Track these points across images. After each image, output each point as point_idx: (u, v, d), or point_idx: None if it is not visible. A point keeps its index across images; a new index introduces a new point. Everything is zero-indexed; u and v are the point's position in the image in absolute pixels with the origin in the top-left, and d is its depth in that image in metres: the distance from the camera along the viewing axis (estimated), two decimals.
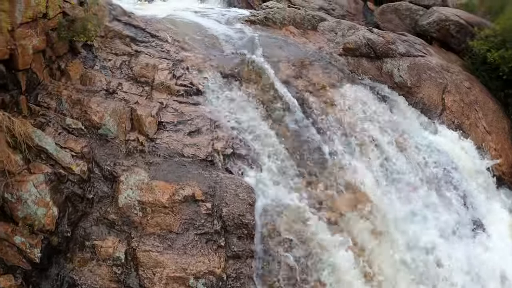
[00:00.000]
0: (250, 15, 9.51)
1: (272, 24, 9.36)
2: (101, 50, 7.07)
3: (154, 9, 10.18)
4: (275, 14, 9.37)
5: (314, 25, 9.51)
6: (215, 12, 10.29)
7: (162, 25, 8.26)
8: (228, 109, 6.89)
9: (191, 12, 9.72)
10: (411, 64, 9.06)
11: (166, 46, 7.60)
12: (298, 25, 9.48)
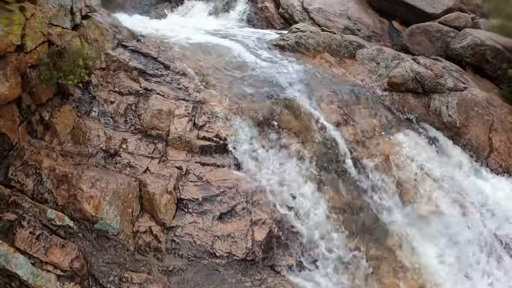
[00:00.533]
0: (278, 39, 7.46)
1: (305, 50, 7.33)
2: (100, 88, 4.97)
3: (168, 27, 8.11)
4: (308, 39, 7.33)
5: (352, 52, 7.50)
6: (237, 32, 8.20)
7: (178, 51, 6.18)
8: (266, 171, 4.87)
9: (211, 33, 7.60)
10: (459, 100, 7.24)
11: (183, 81, 5.52)
12: (334, 52, 7.46)
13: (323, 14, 10.60)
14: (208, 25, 9.40)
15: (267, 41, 7.55)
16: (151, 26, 8.30)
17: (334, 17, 10.72)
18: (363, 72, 7.30)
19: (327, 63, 7.27)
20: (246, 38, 7.76)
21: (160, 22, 9.43)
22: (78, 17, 4.98)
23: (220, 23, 10.14)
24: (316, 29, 7.56)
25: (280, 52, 7.31)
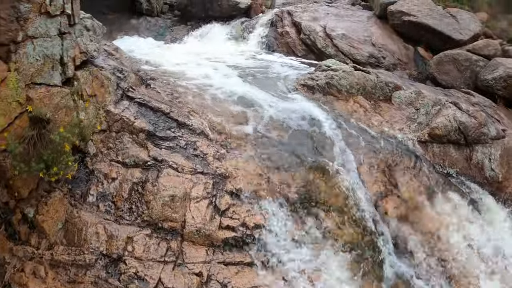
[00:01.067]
0: (307, 77, 6.18)
1: (336, 92, 6.03)
2: (100, 158, 3.76)
3: (183, 58, 6.85)
4: (341, 80, 6.02)
5: (387, 95, 6.18)
6: (258, 65, 6.90)
7: (194, 100, 4.88)
8: (305, 272, 3.58)
9: (231, 67, 6.38)
10: (502, 150, 6.03)
11: (201, 145, 4.25)
12: (368, 95, 6.16)
13: (347, 40, 9.28)
14: (227, 53, 8.11)
15: (294, 80, 6.23)
16: (165, 55, 7.03)
17: (358, 43, 9.41)
18: (401, 119, 5.99)
19: (361, 109, 5.97)
20: (269, 74, 6.45)
21: (175, 49, 8.15)
22: (70, 68, 3.71)
23: (240, 49, 8.86)
24: (349, 67, 6.22)
25: (311, 95, 6.00)
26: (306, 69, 7.33)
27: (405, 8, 9.65)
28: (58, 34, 3.58)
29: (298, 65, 7.83)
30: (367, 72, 6.37)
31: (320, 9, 10.34)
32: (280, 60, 8.08)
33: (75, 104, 3.68)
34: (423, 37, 9.41)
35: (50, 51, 3.51)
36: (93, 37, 4.11)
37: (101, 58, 4.59)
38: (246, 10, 10.32)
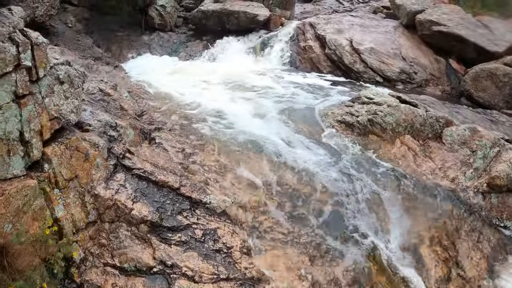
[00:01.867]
0: (345, 112, 4.76)
1: (380, 131, 4.62)
2: (89, 264, 2.51)
3: (196, 80, 5.79)
4: (386, 117, 4.59)
5: (437, 131, 4.76)
6: (285, 92, 5.49)
7: (211, 155, 3.52)
8: None
9: (254, 95, 5.20)
10: None
11: (224, 234, 2.93)
12: (416, 132, 4.73)
13: (376, 55, 7.78)
14: (246, 73, 6.69)
15: (328, 113, 4.80)
16: (178, 80, 5.65)
17: (388, 58, 7.90)
18: (455, 164, 4.55)
19: (410, 152, 4.54)
20: (298, 104, 5.06)
21: (190, 69, 6.73)
22: (36, 146, 2.40)
23: (260, 67, 7.43)
24: (394, 100, 4.77)
25: (348, 132, 4.58)
26: (336, 92, 5.92)
27: (435, 17, 8.08)
28: (13, 100, 2.23)
29: (327, 86, 6.41)
30: (414, 105, 4.91)
31: (344, 20, 8.80)
32: (306, 81, 6.65)
33: (46, 198, 2.35)
34: (455, 48, 7.88)
35: (2, 128, 2.16)
36: (69, 92, 2.75)
37: (89, 110, 3.24)
38: (265, 22, 8.84)
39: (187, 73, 6.47)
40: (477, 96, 7.10)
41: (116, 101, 3.80)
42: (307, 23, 8.57)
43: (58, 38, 6.44)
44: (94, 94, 3.70)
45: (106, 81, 4.01)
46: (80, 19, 7.84)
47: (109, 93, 3.82)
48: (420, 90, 7.56)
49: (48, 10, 6.32)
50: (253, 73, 6.89)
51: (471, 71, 7.33)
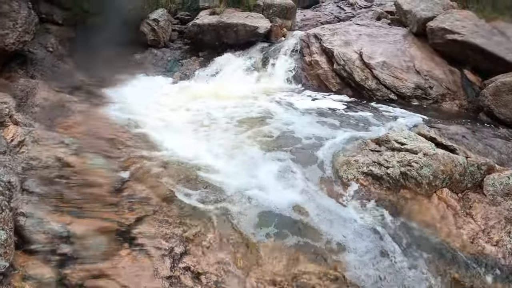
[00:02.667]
0: (371, 161, 3.59)
1: (414, 185, 3.46)
2: None
3: (188, 115, 4.38)
4: (423, 170, 3.41)
5: (477, 180, 3.57)
6: (291, 129, 4.30)
7: (205, 255, 2.33)
8: None
9: (253, 132, 3.91)
10: None
11: None
12: (454, 184, 3.58)
13: (389, 70, 6.55)
14: (246, 96, 5.49)
15: (351, 164, 3.63)
16: (169, 116, 4.45)
17: (401, 72, 6.69)
18: (498, 222, 3.41)
19: (450, 211, 3.41)
20: (309, 146, 3.88)
21: (183, 95, 5.51)
22: None
23: (262, 87, 6.21)
24: (430, 146, 3.58)
25: (374, 187, 3.42)
26: (353, 121, 4.75)
27: (447, 24, 6.84)
28: None
29: (340, 111, 5.24)
30: (452, 150, 3.71)
31: (351, 29, 7.54)
32: (315, 105, 5.47)
33: None
34: (470, 58, 6.66)
35: None
36: None
37: (37, 215, 2.03)
38: (266, 34, 7.57)
39: (181, 101, 5.25)
40: (498, 113, 5.90)
41: (80, 175, 2.60)
42: (311, 35, 7.31)
43: (35, 66, 5.26)
44: (49, 168, 2.50)
45: (67, 143, 2.80)
46: (63, 40, 6.59)
47: (70, 163, 2.62)
48: (437, 106, 6.45)
49: (21, 37, 5.08)
50: (254, 95, 5.70)
51: (491, 85, 6.12)
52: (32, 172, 2.43)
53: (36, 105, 4.24)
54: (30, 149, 2.56)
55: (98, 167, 2.76)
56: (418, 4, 7.89)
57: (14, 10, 4.82)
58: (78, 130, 3.75)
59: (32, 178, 2.34)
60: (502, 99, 5.96)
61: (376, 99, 6.29)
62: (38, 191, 2.27)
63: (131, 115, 4.46)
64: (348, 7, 12.09)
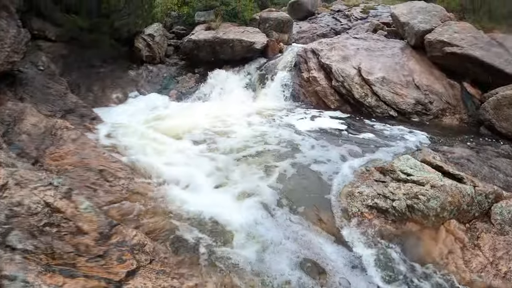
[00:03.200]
0: (376, 194, 3.44)
1: (421, 218, 3.32)
2: None
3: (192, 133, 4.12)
4: (430, 202, 3.28)
5: (485, 209, 3.47)
6: (288, 152, 4.14)
7: None
8: None
9: (247, 164, 3.71)
10: None
11: None
12: (462, 214, 3.47)
13: (388, 86, 6.45)
14: (243, 116, 5.32)
15: (355, 196, 3.48)
16: (163, 145, 4.28)
17: (401, 88, 6.58)
18: (506, 253, 3.30)
19: (457, 245, 3.28)
20: (309, 173, 3.73)
21: (177, 118, 5.34)
22: None
23: (259, 106, 6.06)
24: (437, 176, 3.45)
25: (379, 221, 3.29)
26: (354, 143, 4.60)
27: (446, 37, 6.76)
28: None
29: (340, 131, 5.08)
30: (459, 179, 3.57)
31: (348, 43, 7.42)
32: (315, 125, 5.32)
33: None
34: (469, 70, 6.59)
35: None
36: None
37: (21, 276, 1.86)
38: (262, 50, 7.43)
39: (177, 125, 5.08)
40: (499, 127, 5.81)
41: (70, 221, 2.41)
42: (309, 50, 7.17)
43: (25, 87, 5.01)
44: (38, 214, 2.32)
45: (56, 184, 2.62)
46: (56, 57, 6.39)
47: (60, 209, 2.43)
48: (437, 122, 6.36)
49: (9, 57, 4.83)
50: (252, 117, 5.53)
51: (492, 99, 6.02)
52: (17, 220, 2.24)
53: (24, 132, 4.00)
54: (13, 193, 2.36)
55: (87, 211, 2.58)
56: (415, 16, 7.80)
57: (2, 29, 4.44)
58: (69, 161, 3.57)
59: (17, 229, 2.15)
60: (503, 113, 5.87)
61: (376, 116, 6.17)
62: (25, 246, 2.08)
63: (123, 141, 4.28)
64: (344, 18, 12.00)
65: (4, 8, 4.15)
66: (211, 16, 7.94)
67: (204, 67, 7.21)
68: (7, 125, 3.99)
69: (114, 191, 3.27)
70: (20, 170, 2.58)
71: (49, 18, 6.51)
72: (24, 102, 4.68)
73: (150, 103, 6.04)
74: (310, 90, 6.71)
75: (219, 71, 6.99)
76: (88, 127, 4.76)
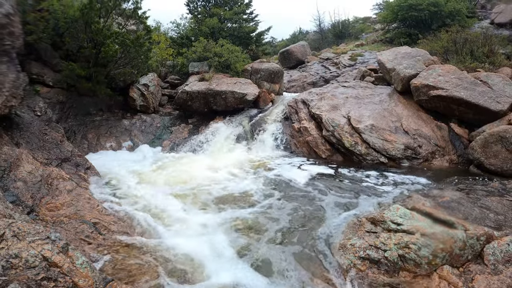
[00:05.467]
0: (368, 245, 3.54)
1: (413, 267, 3.40)
2: None
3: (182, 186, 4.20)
4: (421, 250, 3.40)
5: (477, 251, 3.57)
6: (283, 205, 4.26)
7: None
8: None
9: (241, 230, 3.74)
10: None
11: None
12: (455, 259, 3.55)
13: (378, 133, 6.71)
14: (236, 168, 5.45)
15: (347, 248, 3.57)
16: (154, 199, 4.35)
17: (390, 134, 6.84)
18: None
19: None
20: (306, 233, 3.79)
21: (170, 174, 5.44)
22: None
23: (253, 156, 6.21)
24: (428, 224, 3.59)
25: (373, 273, 3.36)
26: (346, 193, 4.73)
27: (431, 80, 7.14)
28: None
29: (333, 181, 5.21)
30: (450, 224, 3.71)
31: (338, 92, 7.79)
32: (307, 177, 5.44)
33: None
34: (455, 111, 6.88)
35: None
36: None
37: None
38: (254, 101, 7.75)
39: (168, 177, 5.20)
40: (488, 164, 5.97)
41: (66, 276, 2.47)
42: (299, 101, 7.50)
43: (22, 132, 5.11)
44: (35, 268, 2.38)
45: (54, 238, 2.70)
46: (53, 103, 6.59)
47: (57, 263, 2.50)
48: (427, 165, 6.55)
49: (7, 101, 4.83)
50: (244, 169, 5.67)
51: (479, 138, 6.22)
52: (15, 272, 2.31)
53: (20, 179, 4.05)
54: (10, 245, 2.44)
55: (83, 267, 2.66)
56: (400, 62, 8.21)
57: (1, 73, 4.43)
58: (65, 212, 3.65)
59: (15, 281, 2.23)
60: (491, 150, 6.04)
61: (366, 163, 6.35)
62: None
63: (116, 193, 4.37)
64: (333, 66, 12.57)
65: (5, 53, 4.29)
66: (205, 67, 8.31)
67: (197, 118, 7.46)
68: (3, 170, 4.06)
69: (107, 244, 3.34)
70: (18, 222, 2.67)
71: (48, 63, 6.79)
72: (20, 148, 4.76)
73: (143, 154, 6.18)
74: (301, 140, 6.94)
75: (212, 123, 7.22)
76: (83, 177, 4.86)
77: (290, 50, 14.46)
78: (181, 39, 10.91)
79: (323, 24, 22.06)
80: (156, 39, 9.41)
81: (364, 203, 4.42)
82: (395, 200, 4.79)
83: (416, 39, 12.17)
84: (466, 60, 8.44)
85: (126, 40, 6.53)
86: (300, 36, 23.28)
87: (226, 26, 10.91)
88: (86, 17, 6.12)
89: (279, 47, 19.63)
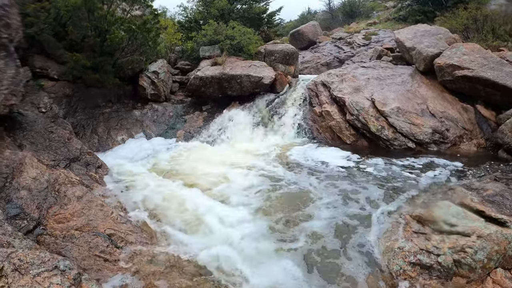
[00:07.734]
0: (418, 249, 3.07)
1: (468, 272, 2.96)
2: None
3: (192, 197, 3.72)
4: (477, 254, 2.92)
5: None
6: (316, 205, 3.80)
7: None
8: None
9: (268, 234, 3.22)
10: None
11: None
12: (507, 261, 3.16)
13: (404, 116, 6.14)
14: (257, 157, 4.96)
15: (396, 252, 3.10)
16: (171, 198, 3.89)
17: (416, 117, 6.27)
18: None
19: None
20: (345, 238, 3.34)
21: (187, 167, 4.96)
22: None
23: (272, 143, 5.69)
24: (484, 225, 3.12)
25: (424, 279, 2.87)
26: (382, 185, 4.24)
27: (456, 60, 6.49)
28: None
29: (363, 172, 4.70)
30: (503, 223, 3.21)
31: (358, 73, 7.18)
32: (335, 166, 4.93)
33: None
34: (481, 92, 6.31)
35: None
36: None
37: None
38: (271, 84, 7.18)
39: (187, 171, 4.73)
40: None
41: None
42: (319, 83, 6.92)
43: (25, 132, 4.64)
44: None
45: (63, 268, 2.24)
46: (59, 97, 6.12)
47: None
48: (455, 149, 6.04)
49: (6, 100, 4.28)
50: (263, 158, 5.18)
51: (509, 121, 5.69)
52: None
53: (24, 187, 3.60)
54: (11, 282, 1.99)
55: None
56: (421, 41, 7.59)
57: None
58: (75, 224, 3.20)
59: None
60: None
61: (394, 149, 5.83)
62: None
63: (131, 195, 3.92)
64: (347, 46, 11.85)
65: (2, 47, 3.81)
66: (216, 51, 7.75)
67: (211, 104, 6.94)
68: (5, 178, 3.61)
69: (125, 259, 2.88)
70: (19, 251, 2.22)
71: (52, 56, 6.29)
72: (23, 150, 4.32)
73: (156, 146, 5.71)
74: (323, 125, 6.41)
75: (228, 109, 6.70)
76: (94, 177, 4.41)
77: (301, 31, 13.73)
78: (189, 23, 10.29)
79: (333, 3, 21.05)
80: (163, 24, 8.80)
81: (402, 194, 3.91)
82: (433, 192, 4.27)
83: (432, 17, 11.35)
84: (488, 38, 7.76)
85: (132, 25, 5.97)
86: (308, 16, 22.33)
87: (235, 8, 10.23)
88: (88, 3, 5.56)
89: (287, 28, 18.80)
